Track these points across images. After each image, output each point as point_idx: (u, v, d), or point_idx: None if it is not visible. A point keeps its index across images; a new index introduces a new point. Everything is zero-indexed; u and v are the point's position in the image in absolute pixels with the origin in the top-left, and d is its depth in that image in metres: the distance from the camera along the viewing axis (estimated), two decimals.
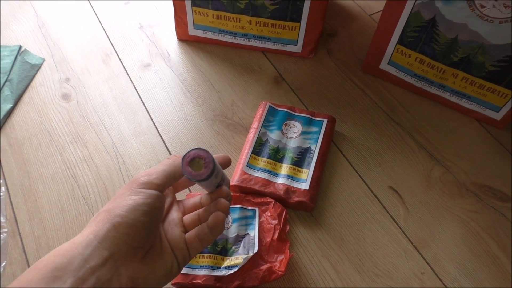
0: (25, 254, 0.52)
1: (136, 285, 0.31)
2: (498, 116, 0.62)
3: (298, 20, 0.64)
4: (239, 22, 0.66)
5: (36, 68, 0.69)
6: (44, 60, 0.70)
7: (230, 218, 0.52)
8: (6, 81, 0.66)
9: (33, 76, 0.68)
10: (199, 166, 0.32)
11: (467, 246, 0.54)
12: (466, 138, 0.63)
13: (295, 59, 0.71)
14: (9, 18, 0.75)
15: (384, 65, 0.66)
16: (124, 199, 0.32)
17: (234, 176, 0.55)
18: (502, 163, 0.61)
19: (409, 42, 0.60)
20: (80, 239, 0.30)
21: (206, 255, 0.49)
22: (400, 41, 0.61)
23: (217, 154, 0.38)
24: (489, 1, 0.50)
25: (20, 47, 0.70)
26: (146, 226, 0.31)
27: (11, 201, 0.56)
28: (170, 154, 0.60)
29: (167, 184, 0.34)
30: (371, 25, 0.76)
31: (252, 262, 0.48)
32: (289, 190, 0.54)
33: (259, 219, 0.52)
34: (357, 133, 0.63)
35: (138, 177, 0.33)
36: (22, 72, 0.68)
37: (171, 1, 0.67)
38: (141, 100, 0.66)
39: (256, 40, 0.69)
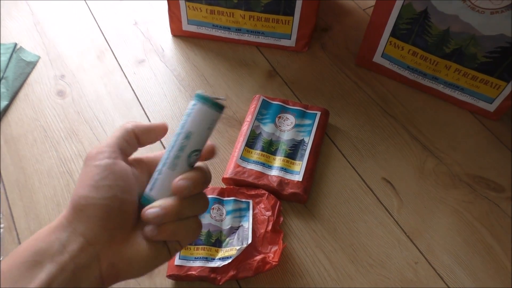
0: None
1: (117, 270, 0.29)
2: (491, 107, 0.62)
3: (291, 14, 0.64)
4: (233, 16, 0.66)
5: (32, 65, 0.69)
6: (39, 57, 0.70)
7: (224, 210, 0.52)
8: (1, 78, 0.66)
9: (29, 74, 0.68)
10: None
11: (461, 235, 0.54)
12: (459, 129, 0.63)
13: (289, 53, 0.71)
14: (4, 16, 0.75)
15: (377, 58, 0.66)
16: (83, 179, 0.29)
17: (228, 168, 0.55)
18: (496, 154, 0.61)
19: (402, 34, 0.60)
20: (56, 223, 0.29)
21: (200, 246, 0.49)
22: (393, 34, 0.61)
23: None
24: None
25: (16, 44, 0.70)
26: (115, 203, 0.29)
27: (7, 197, 0.56)
28: (164, 148, 0.60)
29: (123, 148, 0.32)
30: (366, 20, 0.76)
31: (246, 253, 0.48)
32: (282, 182, 0.54)
33: (253, 211, 0.53)
34: (351, 126, 0.63)
35: (89, 153, 0.30)
36: (17, 70, 0.68)
37: None
38: (136, 95, 0.66)
39: (249, 35, 0.69)
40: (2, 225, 0.54)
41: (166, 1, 0.68)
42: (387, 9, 0.58)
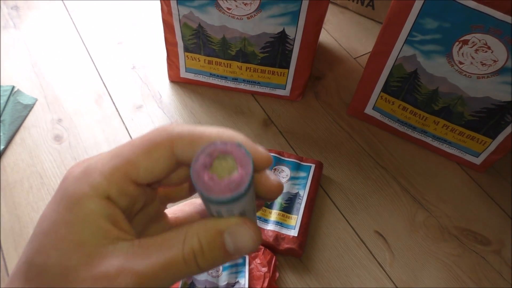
0: None
1: None
2: (478, 161, 0.65)
3: (287, 66, 0.67)
4: (230, 67, 0.68)
5: (29, 108, 0.70)
6: (36, 100, 0.71)
7: (220, 266, 0.53)
8: None
9: (25, 117, 0.69)
10: (225, 169, 0.18)
11: None
12: (448, 181, 0.66)
13: (283, 101, 0.73)
14: (1, 56, 0.76)
15: (369, 110, 0.68)
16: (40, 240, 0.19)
17: None
18: (482, 206, 0.63)
19: (393, 91, 0.63)
20: None
21: None
22: (384, 90, 0.64)
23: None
24: (467, 58, 0.53)
25: (13, 87, 0.71)
26: None
27: (1, 247, 0.56)
28: None
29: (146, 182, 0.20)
30: (357, 69, 0.79)
31: None
32: (278, 237, 0.55)
33: (249, 266, 0.53)
34: (344, 177, 0.65)
35: (73, 172, 0.20)
36: (14, 113, 0.68)
37: (164, 44, 0.69)
38: None
39: (246, 84, 0.71)
40: None
41: (165, 49, 0.70)
42: (379, 67, 0.61)
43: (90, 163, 0.20)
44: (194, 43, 0.66)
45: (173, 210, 0.26)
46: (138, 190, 0.21)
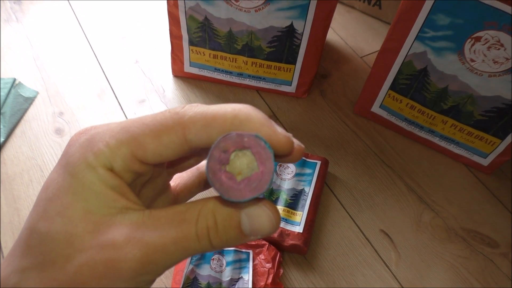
0: None
1: None
2: (485, 162, 0.64)
3: (294, 62, 0.66)
4: (235, 62, 0.67)
5: (30, 101, 0.69)
6: (37, 93, 0.70)
7: (224, 261, 0.52)
8: None
9: (26, 110, 0.68)
10: (243, 166, 0.17)
11: None
12: (454, 182, 0.65)
13: (288, 98, 0.72)
14: (3, 49, 0.75)
15: (375, 108, 0.67)
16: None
17: None
18: (489, 208, 0.62)
19: (401, 88, 0.62)
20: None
21: None
22: (392, 87, 0.63)
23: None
24: (479, 56, 0.52)
25: (14, 80, 0.70)
26: None
27: None
28: None
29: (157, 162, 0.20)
30: (363, 68, 0.78)
31: None
32: (283, 233, 0.54)
33: (253, 262, 0.52)
34: (350, 175, 0.64)
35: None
36: (15, 106, 0.67)
37: (168, 38, 0.68)
38: None
39: (251, 80, 0.70)
40: None
41: (170, 43, 0.69)
42: (388, 64, 0.60)
43: (98, 132, 0.19)
44: (199, 36, 0.65)
45: (173, 178, 0.25)
46: (144, 168, 0.20)
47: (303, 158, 0.61)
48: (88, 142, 0.19)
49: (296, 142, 0.21)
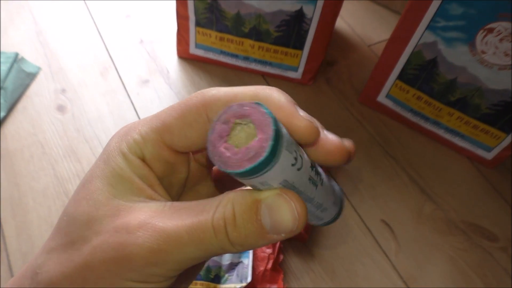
0: (11, 272, 0.50)
1: None
2: (489, 156, 0.64)
3: (301, 47, 0.65)
4: (242, 45, 0.66)
5: (32, 77, 0.68)
6: (40, 69, 0.69)
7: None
8: (0, 88, 0.65)
9: (28, 85, 0.67)
10: (244, 136, 0.16)
11: (455, 284, 0.55)
12: (457, 175, 0.64)
13: (294, 85, 0.71)
14: (5, 23, 0.74)
15: (382, 98, 0.67)
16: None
17: None
18: (490, 202, 0.62)
19: (409, 78, 0.61)
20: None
21: (199, 282, 0.48)
22: (400, 77, 0.62)
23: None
24: (491, 48, 0.51)
25: (17, 54, 0.69)
26: None
27: None
28: None
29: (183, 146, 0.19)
30: (370, 56, 0.77)
31: None
32: None
33: None
34: (352, 165, 0.63)
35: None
36: (17, 80, 0.66)
37: (174, 18, 0.67)
38: (138, 116, 0.65)
39: (257, 64, 0.69)
40: None
41: (176, 23, 0.68)
42: (397, 53, 0.59)
43: (134, 123, 0.19)
44: (206, 17, 0.64)
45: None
46: (175, 158, 0.19)
47: None
48: (124, 132, 0.19)
49: (346, 143, 0.19)
